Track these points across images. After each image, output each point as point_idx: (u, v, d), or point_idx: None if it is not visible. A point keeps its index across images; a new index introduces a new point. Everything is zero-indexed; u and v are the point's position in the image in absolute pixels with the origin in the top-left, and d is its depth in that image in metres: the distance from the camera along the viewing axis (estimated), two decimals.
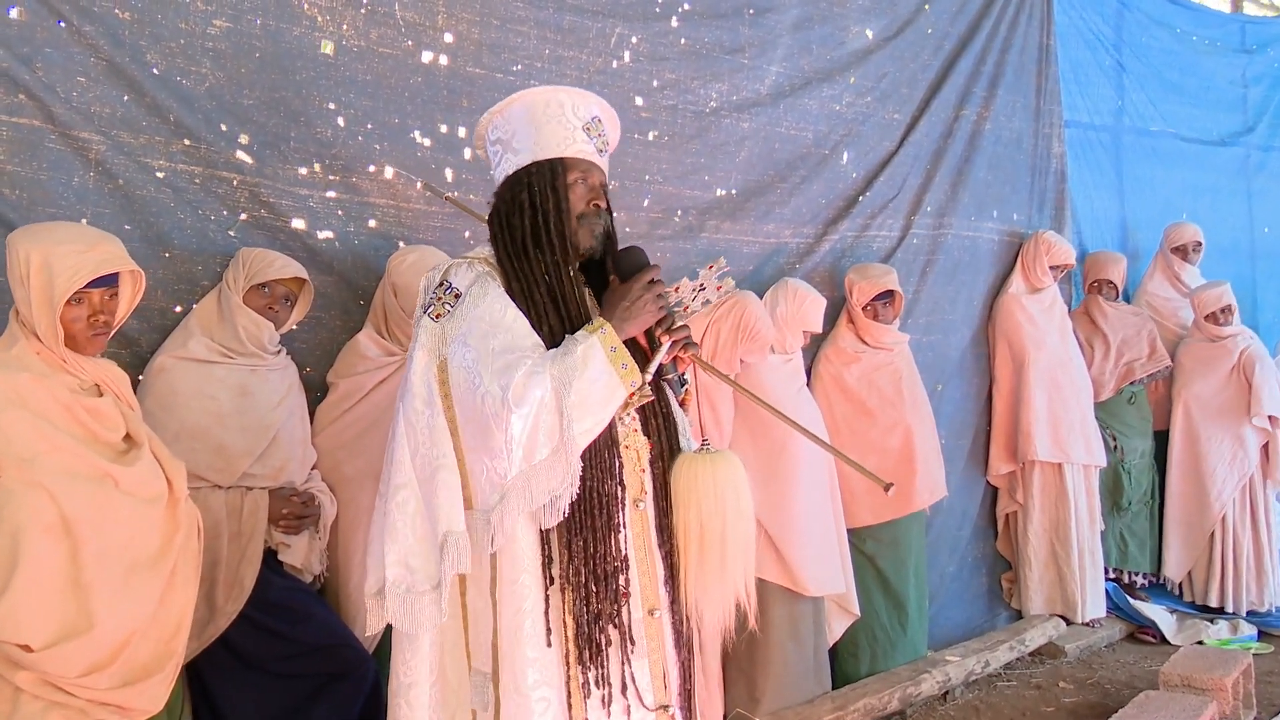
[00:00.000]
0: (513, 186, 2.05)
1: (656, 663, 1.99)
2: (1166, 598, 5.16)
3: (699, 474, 1.94)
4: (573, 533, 1.89)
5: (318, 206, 3.03)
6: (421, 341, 1.95)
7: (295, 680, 2.63)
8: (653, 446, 2.03)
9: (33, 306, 2.03)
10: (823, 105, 4.29)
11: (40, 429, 1.98)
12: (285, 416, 2.74)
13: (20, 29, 2.54)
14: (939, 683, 4.01)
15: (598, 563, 1.90)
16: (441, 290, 1.98)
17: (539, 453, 1.81)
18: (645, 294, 1.93)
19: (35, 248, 2.03)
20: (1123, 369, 5.10)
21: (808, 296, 3.83)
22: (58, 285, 2.01)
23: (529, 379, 1.79)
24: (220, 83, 2.85)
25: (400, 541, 1.91)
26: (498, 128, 2.10)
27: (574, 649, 1.89)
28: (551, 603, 1.89)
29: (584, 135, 2.06)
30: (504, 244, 2.02)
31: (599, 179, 2.08)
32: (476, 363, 1.85)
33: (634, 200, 3.69)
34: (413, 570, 1.91)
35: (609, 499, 1.93)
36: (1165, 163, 6.11)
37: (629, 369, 1.86)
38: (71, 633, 1.94)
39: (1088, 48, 5.68)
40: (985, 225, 4.91)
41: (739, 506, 1.94)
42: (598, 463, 1.92)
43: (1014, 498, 4.85)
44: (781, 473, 3.64)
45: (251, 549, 2.57)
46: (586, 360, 1.83)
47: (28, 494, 1.93)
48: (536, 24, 3.46)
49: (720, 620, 1.94)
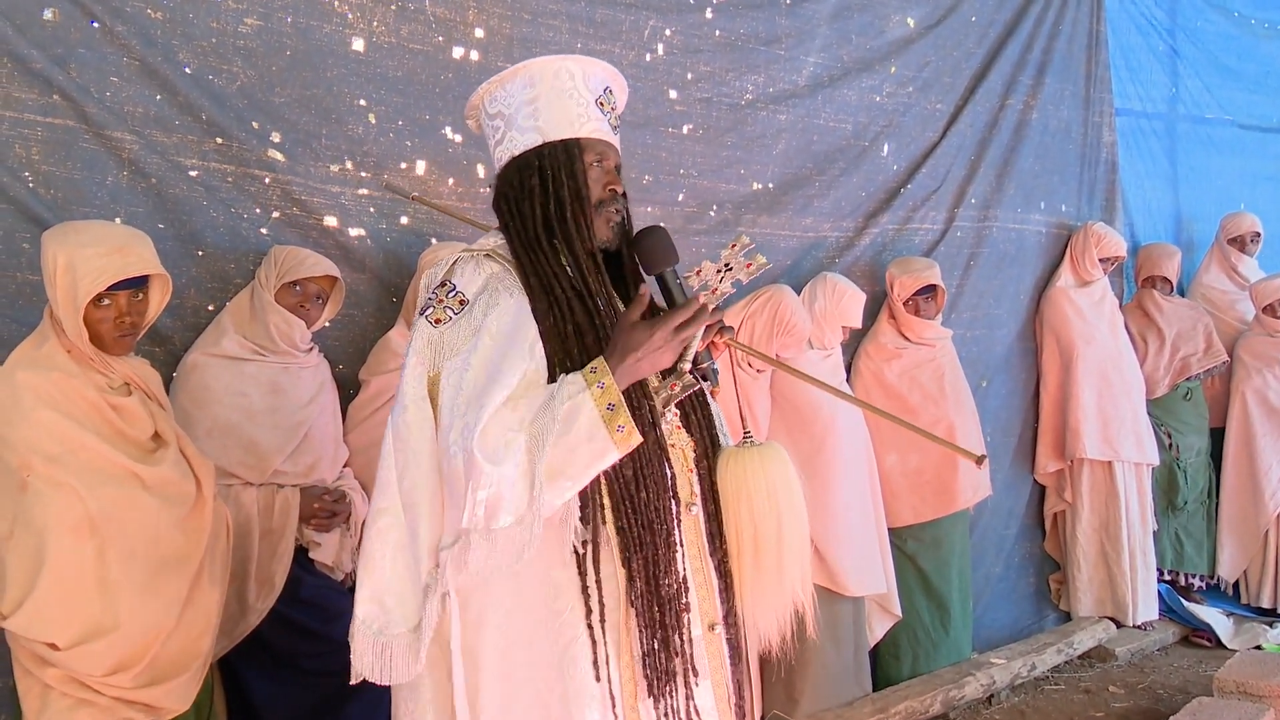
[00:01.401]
0: (521, 170, 1.81)
1: (720, 683, 1.77)
2: (1223, 600, 5.00)
3: (748, 471, 1.74)
4: (632, 551, 1.66)
5: (349, 204, 3.02)
6: (416, 348, 1.72)
7: (327, 677, 2.63)
8: (696, 444, 1.81)
9: (59, 306, 2.05)
10: (862, 96, 4.21)
11: (68, 428, 1.99)
12: (317, 414, 2.75)
13: (54, 30, 2.57)
14: (983, 686, 3.92)
15: (660, 583, 1.67)
16: (444, 292, 1.75)
17: (501, 519, 1.58)
18: (667, 344, 1.65)
19: (62, 249, 2.04)
20: (1178, 364, 4.95)
21: (847, 291, 3.76)
22: (81, 287, 2.02)
23: (503, 435, 1.57)
24: (252, 81, 2.86)
25: (375, 574, 1.68)
26: (497, 100, 1.86)
27: (640, 680, 1.67)
28: (595, 635, 1.66)
29: (598, 111, 1.83)
30: (517, 233, 1.80)
31: (615, 160, 1.85)
32: (470, 388, 1.63)
33: (668, 195, 3.65)
34: (388, 609, 1.67)
35: (665, 513, 1.70)
36: (1221, 151, 5.93)
37: (626, 431, 1.58)
38: (98, 632, 1.95)
39: (1140, 33, 5.53)
40: (1032, 217, 4.80)
41: (792, 504, 1.74)
42: (650, 474, 1.69)
43: (1062, 496, 4.73)
44: (820, 470, 3.58)
45: (283, 546, 2.58)
46: (571, 420, 1.58)
47: (55, 493, 1.94)
48: (568, 17, 3.42)
49: (777, 631, 1.76)
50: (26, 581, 1.92)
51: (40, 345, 2.09)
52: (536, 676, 1.68)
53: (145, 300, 2.17)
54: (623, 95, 1.94)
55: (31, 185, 2.53)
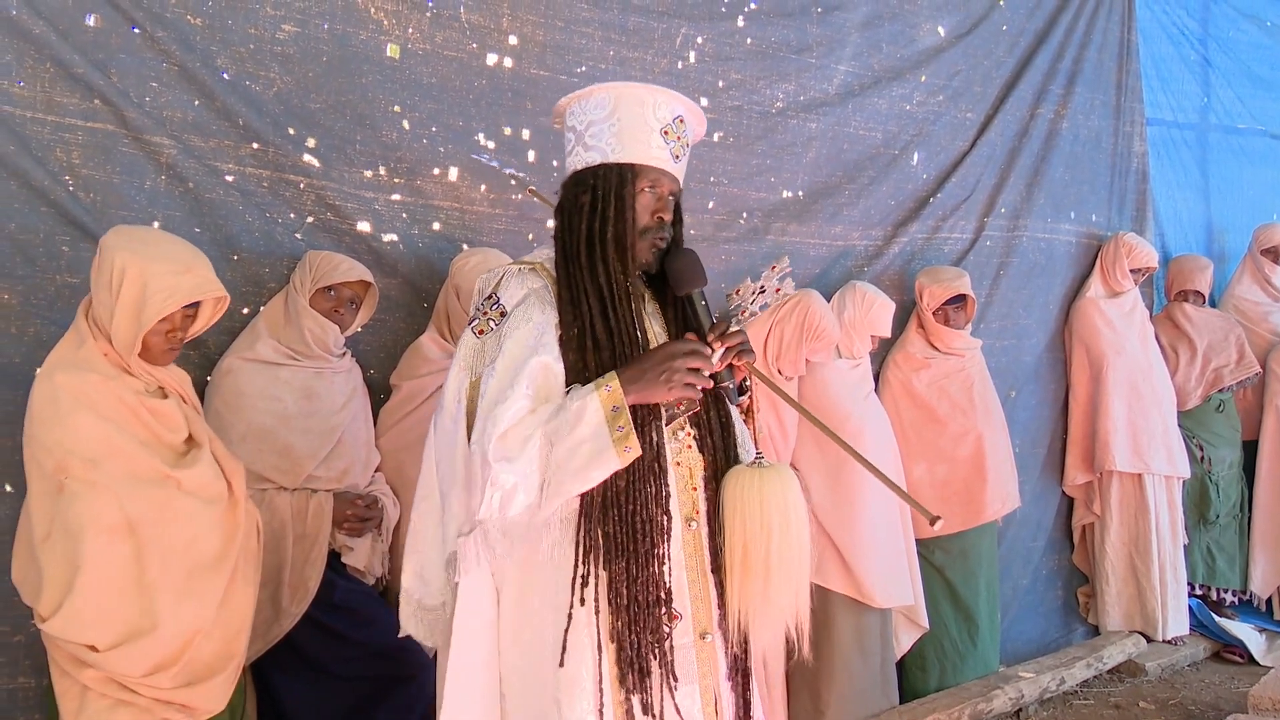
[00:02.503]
0: (577, 185, 1.93)
1: (708, 689, 1.87)
2: (1256, 616, 4.93)
3: (746, 491, 1.82)
4: (612, 554, 1.79)
5: (383, 209, 3.04)
6: (461, 355, 1.88)
7: (357, 682, 2.65)
8: (707, 464, 1.91)
9: (115, 317, 2.05)
10: (892, 105, 4.20)
11: (106, 430, 2.00)
12: (349, 419, 2.76)
13: (96, 35, 2.60)
14: (1012, 700, 3.88)
15: (637, 588, 1.79)
16: (489, 304, 1.90)
17: (513, 507, 1.73)
18: (673, 368, 1.74)
19: (132, 261, 2.04)
20: (1210, 376, 4.89)
21: (876, 300, 3.74)
22: (150, 305, 2.03)
23: (520, 432, 1.72)
24: (288, 87, 2.88)
25: (419, 551, 1.92)
26: (575, 115, 1.97)
27: (615, 671, 1.79)
28: (578, 623, 1.78)
29: (660, 140, 1.92)
30: (563, 245, 1.92)
31: (669, 188, 1.94)
32: (491, 393, 1.78)
33: (699, 202, 3.65)
34: (426, 582, 1.92)
35: (652, 525, 1.81)
36: (1254, 161, 5.87)
37: (625, 433, 1.69)
38: (136, 633, 1.96)
39: (1171, 43, 5.48)
40: (1062, 227, 4.76)
41: (786, 525, 1.80)
42: (642, 487, 1.80)
43: (1091, 509, 4.69)
44: (848, 481, 3.56)
45: (316, 551, 2.59)
46: (579, 418, 1.71)
47: (92, 495, 1.96)
48: (601, 25, 3.43)
49: (769, 645, 1.83)
50: (64, 583, 1.93)
51: (78, 347, 2.10)
52: (537, 659, 1.82)
53: (195, 316, 2.19)
54: (698, 126, 2.03)
55: (71, 189, 2.56)
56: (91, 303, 2.11)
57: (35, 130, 2.52)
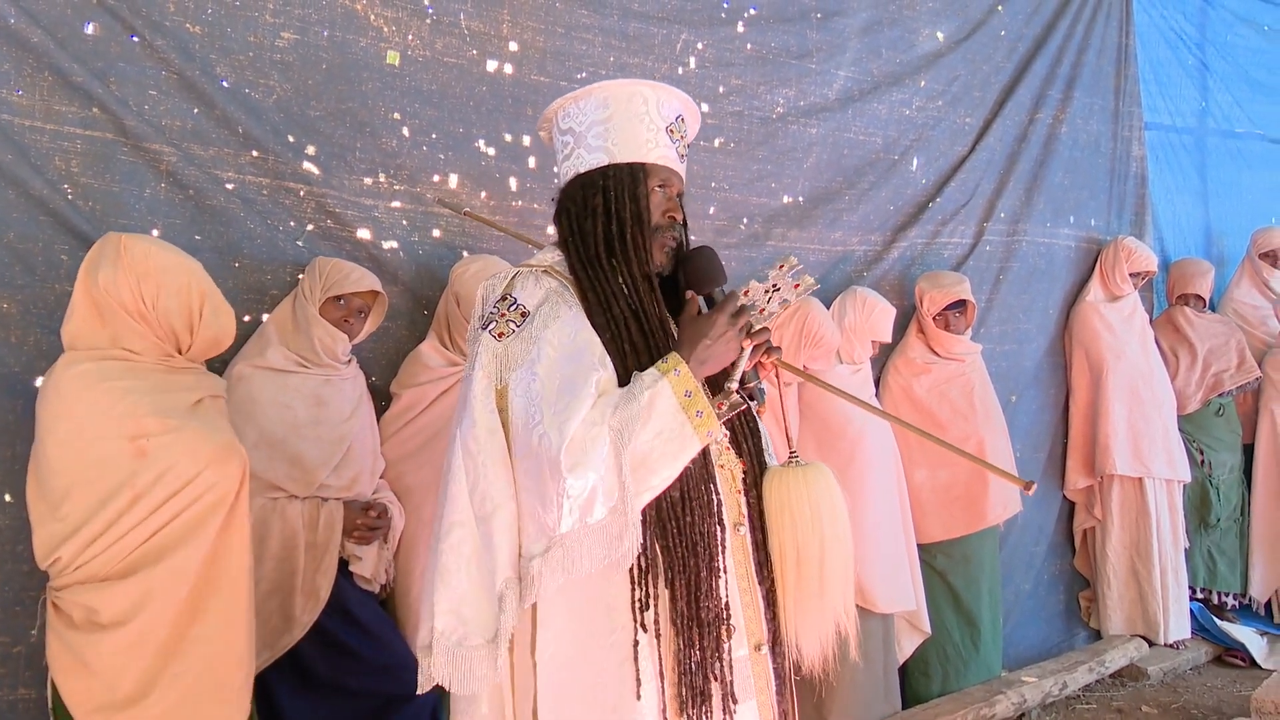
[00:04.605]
0: (585, 188, 1.85)
1: (765, 705, 1.78)
2: (1256, 619, 4.93)
3: (792, 491, 1.76)
4: (675, 571, 1.69)
5: (383, 216, 3.03)
6: (482, 362, 1.74)
7: (359, 698, 2.62)
8: (745, 466, 1.83)
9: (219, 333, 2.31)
10: (892, 110, 4.20)
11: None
12: (358, 427, 2.75)
13: (95, 44, 2.59)
14: (1014, 704, 3.87)
15: (700, 605, 1.69)
16: (505, 305, 1.77)
17: (595, 512, 1.60)
18: (729, 329, 1.70)
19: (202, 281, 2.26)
20: (1210, 380, 4.89)
21: (876, 305, 3.74)
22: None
23: (586, 431, 1.60)
24: (288, 94, 2.87)
25: (453, 587, 1.69)
26: (570, 116, 1.89)
27: (673, 698, 1.68)
28: (641, 650, 1.67)
29: (667, 139, 1.87)
30: (576, 250, 1.83)
31: (678, 188, 1.89)
32: (540, 397, 1.65)
33: (700, 208, 3.64)
34: (465, 620, 1.68)
35: (710, 537, 1.72)
36: (1252, 165, 5.88)
37: (705, 417, 1.63)
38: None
39: (1169, 47, 5.49)
40: (1062, 231, 4.77)
41: (836, 524, 1.76)
42: (695, 496, 1.71)
43: (1092, 513, 4.68)
44: (849, 485, 3.51)
45: (328, 560, 2.58)
46: (652, 408, 1.62)
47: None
48: (601, 31, 3.43)
49: (821, 652, 1.77)
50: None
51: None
52: (593, 687, 1.70)
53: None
54: (695, 124, 1.99)
55: (71, 197, 2.55)
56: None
57: (34, 139, 2.51)
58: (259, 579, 2.40)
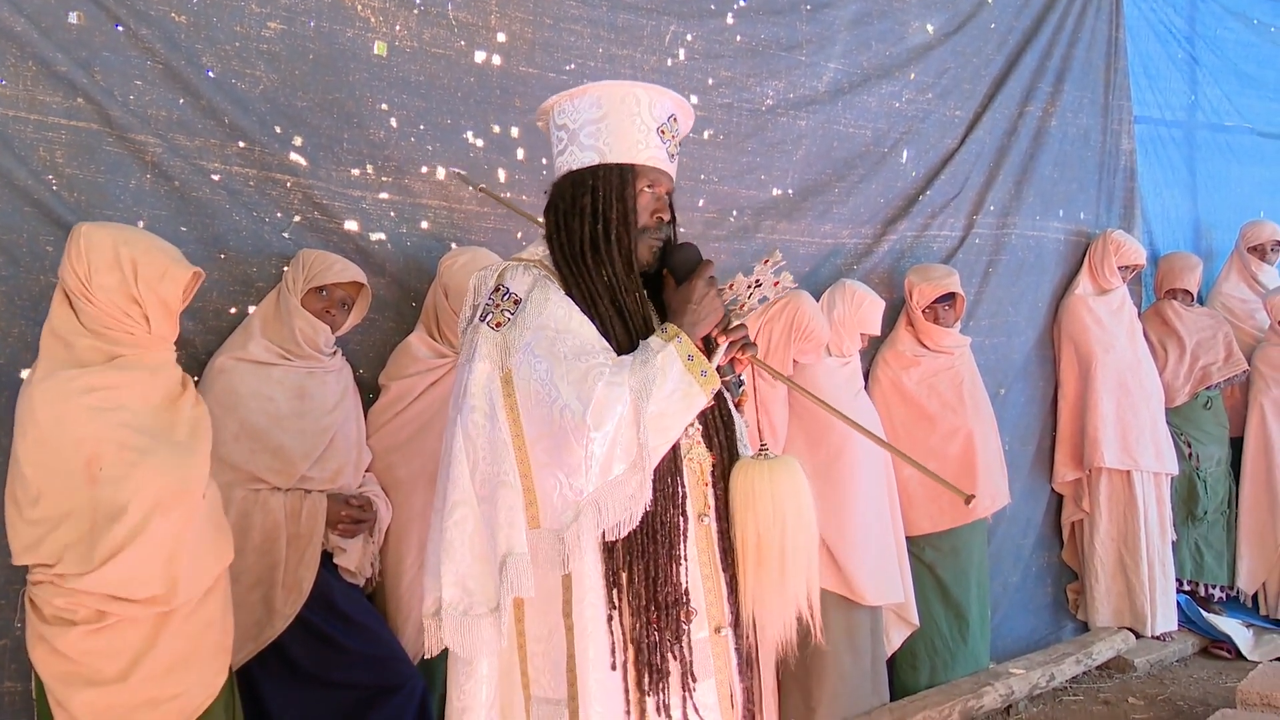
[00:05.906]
0: (575, 186, 1.92)
1: (724, 683, 1.90)
2: (1242, 611, 4.96)
3: (755, 482, 1.85)
4: (634, 556, 1.81)
5: (370, 208, 3.02)
6: (483, 352, 1.83)
7: (345, 690, 2.62)
8: (715, 459, 1.93)
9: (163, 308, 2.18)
10: (882, 102, 4.20)
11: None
12: (342, 419, 2.74)
13: (79, 33, 2.57)
14: (1002, 696, 3.89)
15: (658, 589, 1.82)
16: (499, 296, 1.87)
17: (615, 468, 1.74)
18: (708, 292, 1.85)
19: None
20: (1198, 373, 4.91)
21: (866, 298, 3.74)
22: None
23: (609, 392, 1.72)
24: (274, 85, 2.86)
25: (458, 561, 1.81)
26: (565, 113, 1.95)
27: (634, 674, 1.81)
28: (614, 626, 1.82)
29: (658, 140, 1.93)
30: (561, 247, 1.92)
31: (666, 188, 1.96)
32: (550, 374, 1.76)
33: (689, 200, 3.64)
34: (470, 592, 1.80)
35: (670, 527, 1.84)
36: (1241, 159, 5.89)
37: (709, 376, 1.78)
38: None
39: (1159, 41, 5.50)
40: (1051, 225, 4.77)
41: (799, 515, 1.85)
42: (660, 488, 1.82)
43: (1080, 506, 4.70)
44: (838, 479, 3.56)
45: (310, 552, 2.57)
46: (666, 370, 1.75)
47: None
48: (590, 22, 3.42)
49: (780, 636, 1.86)
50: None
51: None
52: (561, 659, 1.83)
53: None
54: (688, 123, 2.05)
55: (55, 188, 2.53)
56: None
57: (18, 129, 2.49)
58: (241, 571, 2.39)
